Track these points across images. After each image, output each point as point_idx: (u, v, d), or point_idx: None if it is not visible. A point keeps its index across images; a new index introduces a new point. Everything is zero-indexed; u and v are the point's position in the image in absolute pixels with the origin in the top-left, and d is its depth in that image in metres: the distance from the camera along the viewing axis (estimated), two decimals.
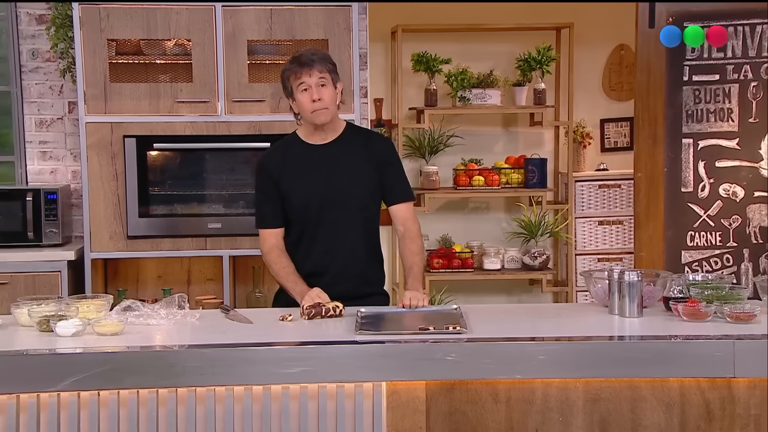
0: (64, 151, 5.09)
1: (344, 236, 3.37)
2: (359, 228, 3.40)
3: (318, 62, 3.28)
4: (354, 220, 3.38)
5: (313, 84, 3.27)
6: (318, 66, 3.27)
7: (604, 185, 5.91)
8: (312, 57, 3.29)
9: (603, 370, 2.68)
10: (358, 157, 3.38)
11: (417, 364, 2.66)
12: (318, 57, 3.31)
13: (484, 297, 6.00)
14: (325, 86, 3.28)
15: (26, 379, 2.58)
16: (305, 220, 3.38)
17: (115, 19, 4.53)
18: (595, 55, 6.00)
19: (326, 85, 3.28)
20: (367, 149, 3.40)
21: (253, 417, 2.67)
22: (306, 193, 3.36)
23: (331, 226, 3.36)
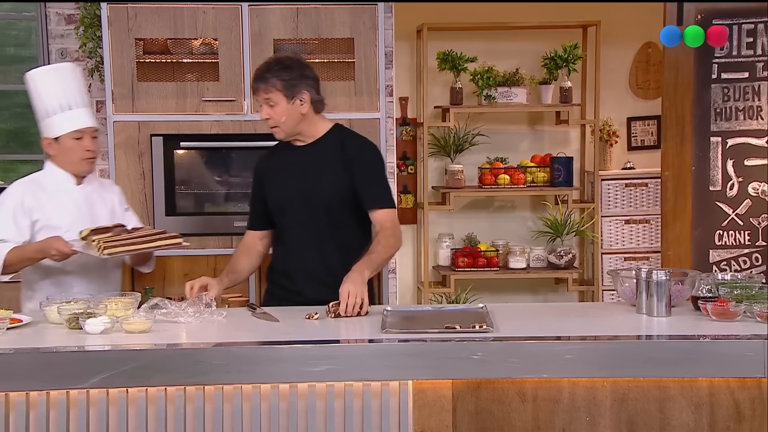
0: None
1: (314, 239, 3.34)
2: (330, 231, 3.35)
3: (264, 81, 3.27)
4: (324, 223, 3.35)
5: (262, 102, 3.32)
6: (263, 86, 3.27)
7: (630, 184, 5.88)
8: (263, 74, 3.28)
9: (631, 369, 2.67)
10: (333, 159, 3.36)
11: (443, 362, 2.66)
12: (270, 74, 3.27)
13: (510, 296, 5.98)
14: (273, 106, 3.28)
15: (56, 376, 2.60)
16: (281, 220, 3.43)
17: (142, 18, 4.55)
18: (622, 53, 5.97)
19: (275, 105, 3.28)
20: (342, 152, 3.37)
21: (280, 415, 2.68)
22: (281, 195, 3.40)
23: (303, 228, 3.37)
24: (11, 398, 2.61)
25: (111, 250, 3.11)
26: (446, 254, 5.88)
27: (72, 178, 3.43)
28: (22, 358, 2.63)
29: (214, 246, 4.68)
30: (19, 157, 5.39)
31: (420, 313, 3.19)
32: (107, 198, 3.55)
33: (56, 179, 3.42)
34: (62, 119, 3.36)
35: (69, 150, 3.37)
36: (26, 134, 5.38)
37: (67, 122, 3.36)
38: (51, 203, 3.37)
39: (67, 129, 3.35)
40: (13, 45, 5.36)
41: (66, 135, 3.36)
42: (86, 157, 3.39)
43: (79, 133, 3.37)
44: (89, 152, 3.39)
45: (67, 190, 3.42)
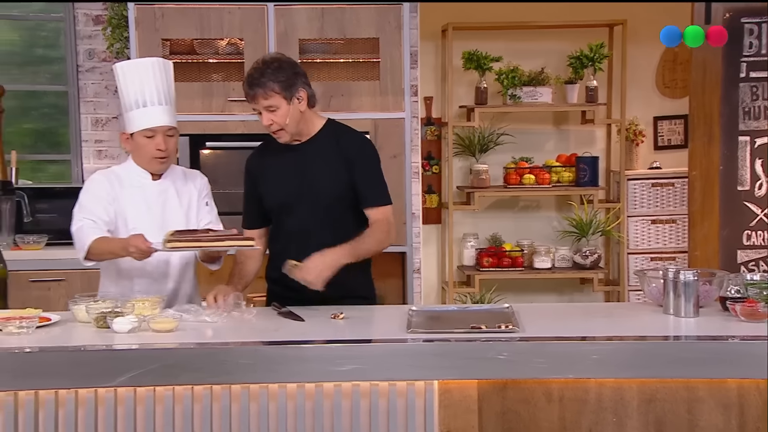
0: (119, 150, 5.16)
1: (312, 237, 3.28)
2: (328, 229, 3.31)
3: (261, 86, 3.20)
4: (322, 221, 3.32)
5: (261, 109, 3.25)
6: (261, 92, 3.20)
7: (657, 183, 5.84)
8: (258, 81, 3.21)
9: (658, 370, 2.65)
10: (329, 156, 3.32)
11: (469, 362, 2.65)
12: (265, 79, 3.20)
13: (534, 296, 5.96)
14: (274, 111, 3.22)
15: (84, 375, 2.62)
16: (278, 219, 3.41)
17: (169, 19, 4.59)
18: (649, 52, 5.92)
19: (275, 109, 3.22)
20: (338, 148, 3.33)
21: (306, 414, 2.68)
22: (277, 193, 3.37)
23: (300, 227, 3.33)
24: (41, 396, 2.63)
25: (174, 244, 3.01)
26: (471, 254, 5.87)
27: (147, 174, 3.35)
28: (50, 356, 2.65)
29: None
30: (47, 157, 5.44)
31: (445, 313, 3.19)
32: (185, 192, 3.42)
33: (132, 174, 3.35)
34: (136, 116, 3.27)
35: (141, 148, 3.29)
36: (54, 134, 5.42)
37: (140, 119, 3.27)
38: (125, 197, 3.31)
39: (139, 126, 3.27)
40: (42, 46, 5.41)
41: (139, 132, 3.27)
42: (157, 156, 3.28)
43: (151, 131, 3.26)
44: (160, 152, 3.28)
45: (141, 186, 3.35)
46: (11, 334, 2.78)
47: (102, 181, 3.32)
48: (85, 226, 3.23)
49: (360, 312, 3.14)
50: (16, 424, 2.62)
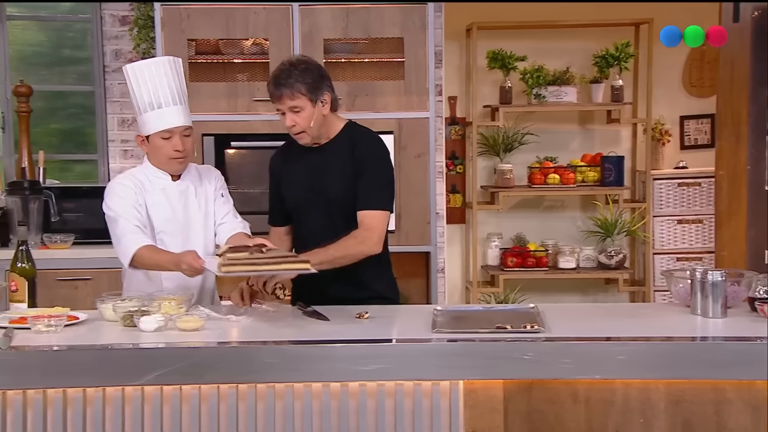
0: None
1: (329, 239, 3.24)
2: (344, 232, 3.26)
3: (288, 87, 3.18)
4: (338, 224, 3.30)
5: (286, 110, 3.22)
6: (288, 92, 3.18)
7: (683, 183, 5.80)
8: (284, 81, 3.18)
9: (686, 371, 2.63)
10: (343, 160, 3.30)
11: (494, 363, 2.64)
12: (292, 80, 3.18)
13: (559, 296, 5.94)
14: (299, 112, 3.21)
15: (111, 373, 2.63)
16: (299, 220, 3.41)
17: (195, 19, 4.61)
18: (676, 51, 5.87)
19: (300, 111, 3.20)
20: (353, 152, 3.31)
21: (331, 413, 2.68)
22: (294, 195, 3.38)
23: (317, 228, 3.32)
24: (69, 394, 2.64)
25: (229, 268, 2.89)
26: (495, 254, 5.86)
27: (167, 176, 3.32)
28: (78, 355, 2.66)
29: None
30: (74, 157, 5.48)
31: (470, 313, 3.18)
32: (201, 191, 3.39)
33: (153, 177, 3.31)
34: (151, 118, 3.22)
35: (158, 149, 3.25)
36: (81, 134, 5.46)
37: (156, 121, 3.23)
38: (149, 201, 3.29)
39: (155, 128, 3.22)
40: (69, 47, 5.45)
41: (155, 134, 3.23)
42: (175, 156, 3.25)
43: (167, 132, 3.22)
44: (178, 152, 3.24)
45: (163, 188, 3.32)
46: (40, 332, 2.80)
47: (128, 186, 3.28)
48: (128, 231, 3.19)
49: (385, 312, 3.13)
50: (45, 422, 2.64)
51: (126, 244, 3.18)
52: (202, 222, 3.38)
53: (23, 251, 3.18)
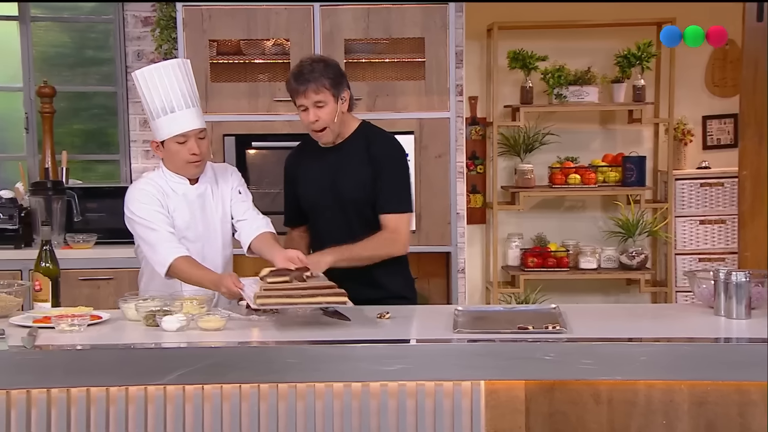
0: None
1: (345, 239, 3.26)
2: (360, 232, 3.29)
3: (314, 81, 3.17)
4: (354, 224, 3.31)
5: (309, 105, 3.21)
6: (313, 86, 3.17)
7: (705, 183, 5.76)
8: (309, 76, 3.18)
9: (709, 372, 2.61)
10: (360, 160, 3.30)
11: (516, 363, 2.63)
12: (316, 74, 3.18)
13: (580, 297, 5.91)
14: (322, 107, 3.20)
15: (134, 372, 2.65)
16: (315, 220, 3.42)
17: (216, 20, 4.63)
18: (698, 50, 5.82)
19: (324, 105, 3.20)
20: (368, 152, 3.30)
21: (352, 413, 2.68)
22: (312, 196, 3.38)
23: (333, 228, 3.32)
24: (92, 393, 2.66)
25: (264, 301, 2.82)
26: (515, 254, 5.84)
27: (185, 180, 3.29)
28: (101, 354, 2.68)
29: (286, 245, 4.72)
30: (97, 157, 5.51)
31: (491, 313, 3.17)
32: (218, 193, 3.37)
33: (172, 183, 3.28)
34: (165, 123, 3.18)
35: (174, 154, 3.22)
36: (103, 134, 5.49)
37: (170, 126, 3.18)
38: (171, 206, 3.26)
39: (169, 133, 3.19)
40: (92, 47, 5.49)
41: (170, 139, 3.20)
42: (191, 160, 3.22)
43: (182, 136, 3.18)
44: (194, 156, 3.21)
45: (184, 193, 3.29)
46: (63, 331, 2.82)
47: (151, 192, 3.25)
48: (162, 239, 3.17)
49: (405, 312, 3.13)
50: (69, 421, 2.66)
51: (163, 253, 3.16)
52: (220, 225, 3.38)
53: (47, 251, 3.20)
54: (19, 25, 5.28)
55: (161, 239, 3.17)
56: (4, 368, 2.62)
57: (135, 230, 3.26)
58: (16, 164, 5.27)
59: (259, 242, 3.31)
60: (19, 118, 5.36)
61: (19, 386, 2.63)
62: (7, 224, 4.74)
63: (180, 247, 3.18)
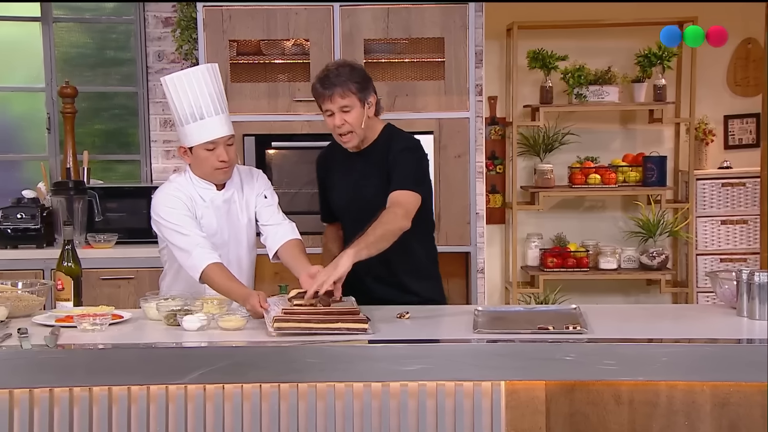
0: None
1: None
2: None
3: (340, 85, 3.16)
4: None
5: (335, 110, 3.19)
6: (339, 90, 3.16)
7: (727, 183, 5.73)
8: (335, 80, 3.16)
9: (731, 373, 2.60)
10: (380, 164, 3.30)
11: (536, 363, 2.63)
12: (342, 78, 3.17)
13: (600, 297, 5.89)
14: (348, 111, 3.19)
15: (155, 372, 2.66)
16: (344, 223, 3.45)
17: (236, 20, 4.64)
18: (720, 50, 5.79)
19: (350, 110, 3.19)
20: (389, 155, 3.29)
21: (372, 413, 2.69)
22: (340, 196, 3.40)
23: (354, 233, 3.23)
24: (114, 392, 2.67)
25: (281, 325, 2.78)
26: (535, 254, 5.83)
27: (212, 186, 3.29)
28: (123, 353, 2.70)
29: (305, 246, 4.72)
30: (117, 158, 5.54)
31: (511, 313, 3.16)
32: (243, 198, 3.36)
33: (199, 189, 3.28)
34: (194, 129, 3.17)
35: (203, 161, 3.21)
36: (124, 135, 5.52)
37: (199, 133, 3.18)
38: (199, 212, 3.26)
39: (199, 140, 3.18)
40: (113, 48, 5.51)
41: (199, 146, 3.19)
42: (220, 167, 3.21)
43: (211, 143, 3.17)
44: (223, 162, 3.20)
45: (211, 199, 3.29)
46: (86, 330, 2.84)
47: (180, 198, 3.24)
48: (195, 243, 3.15)
49: (425, 312, 3.13)
50: (90, 420, 2.67)
51: (197, 258, 3.14)
52: (245, 229, 3.38)
53: (69, 251, 3.22)
54: (41, 26, 5.32)
55: (194, 243, 3.16)
56: (27, 367, 2.64)
57: (164, 235, 3.24)
58: (38, 164, 5.31)
59: (285, 252, 3.30)
60: (41, 119, 5.39)
61: (41, 385, 2.65)
62: (29, 224, 4.77)
63: (213, 252, 3.16)
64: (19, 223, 4.76)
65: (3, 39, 5.45)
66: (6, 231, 4.76)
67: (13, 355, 2.64)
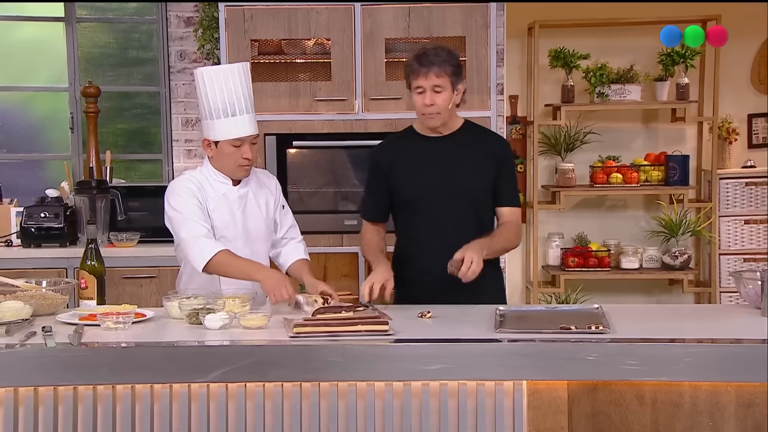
0: None
1: (455, 231, 3.29)
2: (471, 222, 3.34)
3: (438, 65, 3.21)
4: (466, 214, 3.34)
5: (428, 87, 3.23)
6: (436, 69, 3.21)
7: (751, 182, 5.68)
8: (433, 59, 3.22)
9: (756, 374, 2.58)
10: (477, 150, 3.36)
11: (558, 363, 2.62)
12: (440, 59, 3.22)
13: (621, 297, 5.86)
14: (440, 92, 3.23)
15: (177, 370, 2.67)
16: (415, 213, 3.39)
17: (258, 20, 4.65)
18: (744, 48, 5.76)
19: (442, 91, 3.23)
20: (484, 144, 3.39)
21: (394, 412, 2.69)
22: (418, 185, 3.36)
23: (443, 220, 3.33)
24: (137, 390, 2.69)
25: (300, 329, 2.77)
26: (556, 254, 5.81)
27: (228, 181, 3.34)
28: (145, 351, 2.71)
29: (324, 244, 4.75)
30: (139, 157, 5.57)
31: (534, 313, 3.16)
32: (262, 195, 3.42)
33: (215, 182, 3.33)
34: (223, 125, 3.23)
35: (226, 156, 3.27)
36: (146, 134, 5.55)
37: (228, 129, 3.23)
38: (210, 204, 3.31)
39: (227, 136, 3.24)
40: (135, 47, 5.54)
41: (225, 141, 3.25)
42: (243, 164, 3.27)
43: (238, 141, 3.23)
44: (246, 160, 3.26)
45: (225, 193, 3.34)
46: (109, 329, 2.86)
47: (191, 188, 3.30)
48: (201, 233, 3.22)
49: (447, 311, 3.13)
50: (114, 417, 2.69)
51: (204, 246, 3.20)
52: (264, 228, 3.42)
53: (93, 249, 3.24)
54: (64, 26, 5.36)
55: (200, 234, 3.22)
56: (52, 365, 2.66)
57: (172, 225, 3.31)
58: (62, 164, 5.35)
59: (294, 268, 3.46)
60: (64, 118, 5.43)
61: (65, 383, 2.67)
62: (52, 223, 4.81)
63: (219, 243, 3.24)
64: (43, 222, 4.80)
65: (27, 39, 5.50)
66: (30, 230, 4.80)
67: (38, 353, 2.66)
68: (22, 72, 5.54)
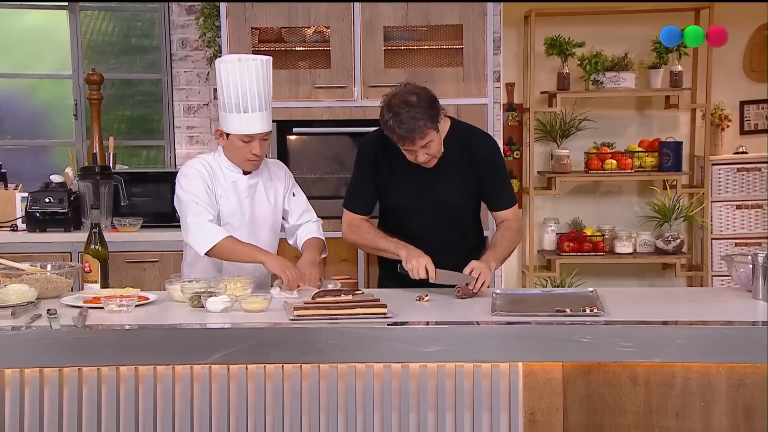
0: (210, 136, 5.31)
1: (440, 234, 3.36)
2: (450, 231, 3.41)
3: (418, 130, 3.13)
4: (445, 224, 3.40)
5: (418, 149, 3.20)
6: (420, 134, 3.14)
7: (742, 168, 5.74)
8: (411, 126, 3.11)
9: (747, 355, 2.63)
10: (461, 165, 3.35)
11: (553, 345, 2.67)
12: (418, 123, 3.11)
13: (615, 281, 5.92)
14: (430, 145, 3.20)
15: (180, 352, 2.71)
16: (403, 212, 3.43)
17: (258, 8, 4.68)
18: (737, 36, 5.80)
19: (431, 143, 3.20)
20: (470, 152, 3.35)
21: (392, 393, 2.74)
22: (404, 189, 3.39)
23: (428, 224, 3.37)
24: (140, 371, 2.74)
25: (301, 312, 2.81)
26: (551, 239, 5.86)
27: (239, 170, 3.38)
28: (148, 333, 2.75)
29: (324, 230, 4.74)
30: (142, 143, 5.62)
31: (529, 296, 3.21)
32: (271, 186, 3.47)
33: (225, 169, 3.38)
34: (235, 119, 3.26)
35: (236, 149, 3.30)
36: (148, 121, 5.60)
37: (239, 124, 3.26)
38: (219, 192, 3.36)
39: (238, 131, 3.27)
40: (137, 35, 5.58)
41: (236, 135, 3.28)
42: (251, 159, 3.31)
43: (248, 137, 3.26)
44: (255, 155, 3.30)
45: (234, 181, 3.38)
46: (113, 312, 2.90)
47: (204, 174, 3.34)
48: (207, 218, 3.27)
49: (444, 294, 3.18)
50: (118, 398, 2.74)
51: (210, 229, 3.26)
52: (270, 218, 3.47)
53: (96, 234, 3.29)
54: (68, 14, 5.39)
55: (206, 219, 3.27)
56: (57, 347, 2.70)
57: (180, 206, 3.35)
58: (66, 150, 5.39)
59: (304, 246, 3.48)
60: (68, 105, 5.47)
61: (70, 364, 2.72)
62: (57, 208, 4.85)
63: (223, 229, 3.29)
64: (48, 207, 4.84)
65: (31, 27, 5.53)
66: (35, 215, 4.84)
67: (43, 335, 2.70)
68: (27, 59, 5.58)
